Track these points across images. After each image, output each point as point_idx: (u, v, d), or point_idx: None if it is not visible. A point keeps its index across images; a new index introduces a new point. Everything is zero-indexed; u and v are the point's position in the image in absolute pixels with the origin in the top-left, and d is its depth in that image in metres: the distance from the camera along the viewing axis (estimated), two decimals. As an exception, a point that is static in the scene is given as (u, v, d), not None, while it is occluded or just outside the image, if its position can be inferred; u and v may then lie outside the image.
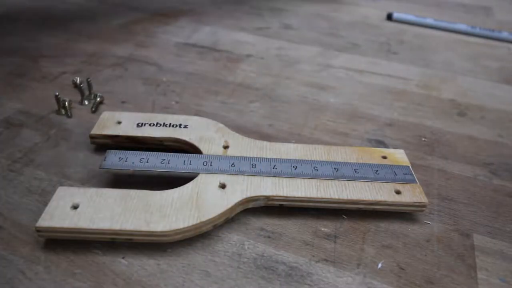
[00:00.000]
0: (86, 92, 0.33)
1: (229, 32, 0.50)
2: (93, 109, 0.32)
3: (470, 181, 0.28)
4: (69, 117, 0.31)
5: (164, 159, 0.25)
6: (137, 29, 0.48)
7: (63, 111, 0.31)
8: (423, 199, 0.24)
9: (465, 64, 0.46)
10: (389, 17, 0.58)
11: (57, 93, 0.31)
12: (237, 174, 0.24)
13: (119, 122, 0.28)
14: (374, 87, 0.39)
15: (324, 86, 0.39)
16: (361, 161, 0.26)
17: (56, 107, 0.31)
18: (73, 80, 0.33)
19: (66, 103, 0.31)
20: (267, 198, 0.23)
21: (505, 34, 0.53)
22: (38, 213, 0.23)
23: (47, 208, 0.21)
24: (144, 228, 0.20)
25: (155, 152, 0.25)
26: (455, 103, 0.38)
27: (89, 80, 0.33)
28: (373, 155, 0.27)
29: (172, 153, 0.25)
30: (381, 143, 0.31)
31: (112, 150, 0.25)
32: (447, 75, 0.43)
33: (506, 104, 0.38)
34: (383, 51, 0.48)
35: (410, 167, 0.26)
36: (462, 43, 0.52)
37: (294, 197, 0.23)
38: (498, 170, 0.29)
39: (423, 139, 0.32)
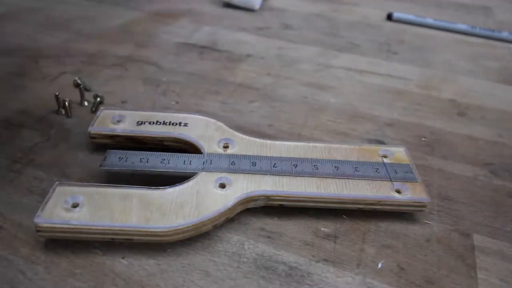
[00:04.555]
0: (86, 93, 0.33)
1: (229, 32, 0.50)
2: (93, 109, 0.32)
3: (470, 181, 0.28)
4: (69, 117, 0.31)
5: (164, 159, 0.25)
6: (137, 29, 0.48)
7: (63, 111, 0.31)
8: (424, 197, 0.24)
9: (465, 64, 0.46)
10: (389, 17, 0.58)
11: (57, 93, 0.31)
12: (237, 173, 0.24)
13: (119, 121, 0.28)
14: (374, 87, 0.39)
15: (324, 86, 0.39)
16: (361, 159, 0.26)
17: (56, 107, 0.31)
18: (74, 81, 0.33)
19: (66, 103, 0.31)
20: (267, 198, 0.23)
21: (505, 34, 0.53)
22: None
23: (47, 206, 0.21)
24: (144, 227, 0.20)
25: (155, 152, 0.25)
26: (455, 103, 0.38)
27: (81, 86, 0.33)
28: (373, 153, 0.27)
29: (172, 153, 0.25)
30: (381, 143, 0.31)
31: (112, 150, 0.25)
32: (447, 75, 0.43)
33: (506, 104, 0.38)
34: (383, 51, 0.48)
35: (411, 165, 0.26)
36: (462, 43, 0.52)
37: (294, 195, 0.23)
38: (498, 170, 0.29)
39: (423, 139, 0.32)
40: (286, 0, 0.63)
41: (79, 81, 0.33)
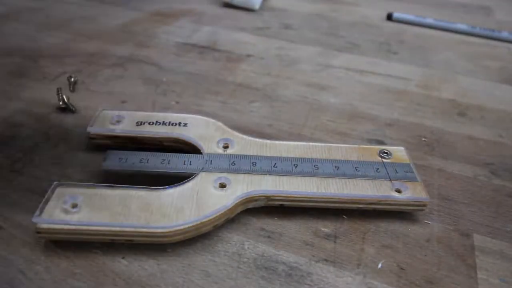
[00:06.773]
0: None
1: (229, 32, 0.50)
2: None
3: (470, 181, 0.28)
4: (74, 111, 0.31)
5: (164, 159, 0.25)
6: (137, 29, 0.48)
7: (63, 105, 0.31)
8: (424, 196, 0.24)
9: (465, 64, 0.46)
10: (389, 17, 0.58)
11: (59, 87, 0.31)
12: (237, 173, 0.24)
13: (118, 121, 0.28)
14: (374, 87, 0.39)
15: (324, 86, 0.39)
16: (361, 159, 0.26)
17: (57, 104, 0.31)
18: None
19: (66, 98, 0.31)
20: (268, 198, 0.23)
21: (505, 34, 0.53)
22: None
23: (46, 207, 0.21)
24: (144, 228, 0.20)
25: (155, 152, 0.25)
26: (455, 103, 0.38)
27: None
28: (373, 153, 0.27)
29: (172, 153, 0.25)
30: (381, 143, 0.31)
31: (112, 151, 0.25)
32: (447, 75, 0.43)
33: (506, 104, 0.38)
34: (383, 51, 0.48)
35: (411, 164, 0.26)
36: (462, 43, 0.52)
37: (295, 195, 0.23)
38: (498, 170, 0.29)
39: (423, 139, 0.32)
40: (286, 0, 0.63)
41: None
